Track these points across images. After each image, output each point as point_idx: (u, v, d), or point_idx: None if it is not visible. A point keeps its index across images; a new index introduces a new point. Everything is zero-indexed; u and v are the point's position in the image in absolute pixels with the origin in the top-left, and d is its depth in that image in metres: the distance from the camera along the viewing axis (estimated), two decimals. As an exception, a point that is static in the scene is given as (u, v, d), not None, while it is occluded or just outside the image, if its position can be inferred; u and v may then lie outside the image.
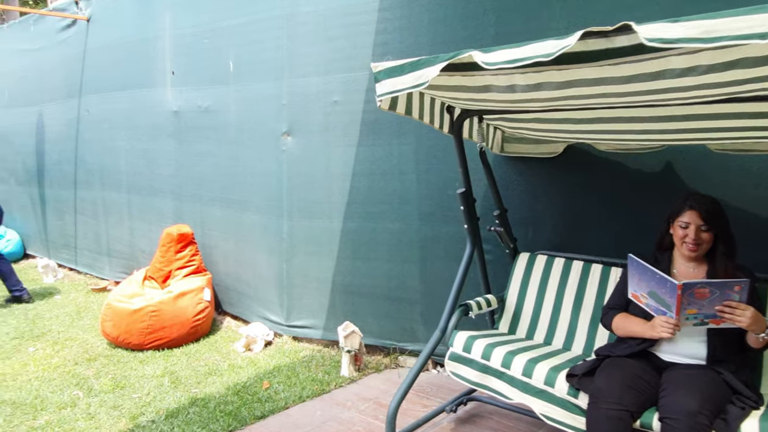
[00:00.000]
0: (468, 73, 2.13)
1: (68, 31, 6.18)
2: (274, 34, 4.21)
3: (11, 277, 5.31)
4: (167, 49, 5.03)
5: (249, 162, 4.48)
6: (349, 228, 4.04)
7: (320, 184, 4.11)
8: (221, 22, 4.55)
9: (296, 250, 4.25)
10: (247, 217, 4.54)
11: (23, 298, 5.33)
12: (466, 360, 2.65)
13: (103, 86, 5.78)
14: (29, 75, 6.94)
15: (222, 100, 4.62)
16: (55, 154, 6.68)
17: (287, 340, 4.32)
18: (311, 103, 4.09)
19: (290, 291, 4.30)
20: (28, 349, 4.14)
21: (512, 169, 3.44)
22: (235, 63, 4.50)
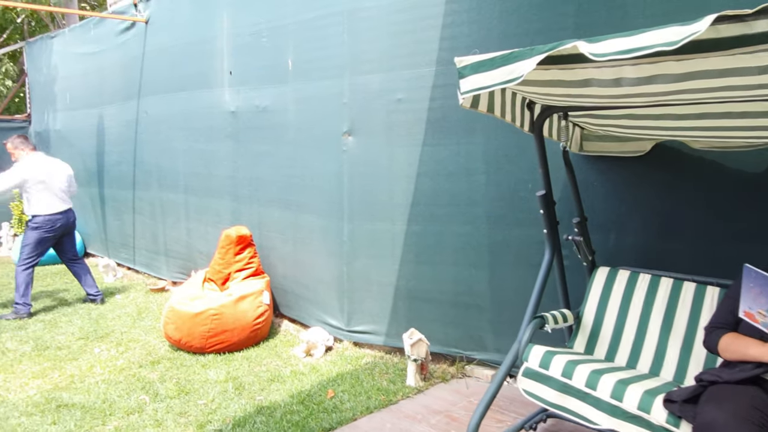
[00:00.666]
0: (567, 66, 1.94)
1: (127, 33, 6.25)
2: (335, 31, 4.09)
3: (85, 278, 5.41)
4: (225, 49, 4.99)
5: (308, 162, 4.38)
6: (412, 231, 3.89)
7: (382, 185, 3.97)
8: (280, 20, 4.47)
9: (357, 253, 4.13)
10: (306, 219, 4.45)
11: (96, 301, 5.42)
12: (543, 377, 2.45)
13: (161, 88, 5.81)
14: (90, 78, 7.09)
15: (280, 99, 4.54)
16: (114, 155, 6.80)
17: (348, 345, 4.21)
18: (373, 102, 3.95)
19: (351, 295, 4.19)
20: (93, 350, 4.17)
21: (592, 169, 3.21)
22: (294, 61, 4.41)
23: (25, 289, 4.97)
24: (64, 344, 4.30)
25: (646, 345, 2.65)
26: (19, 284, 4.96)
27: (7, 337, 4.46)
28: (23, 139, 5.13)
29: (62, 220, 5.16)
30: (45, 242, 5.11)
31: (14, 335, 4.51)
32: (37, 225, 5.04)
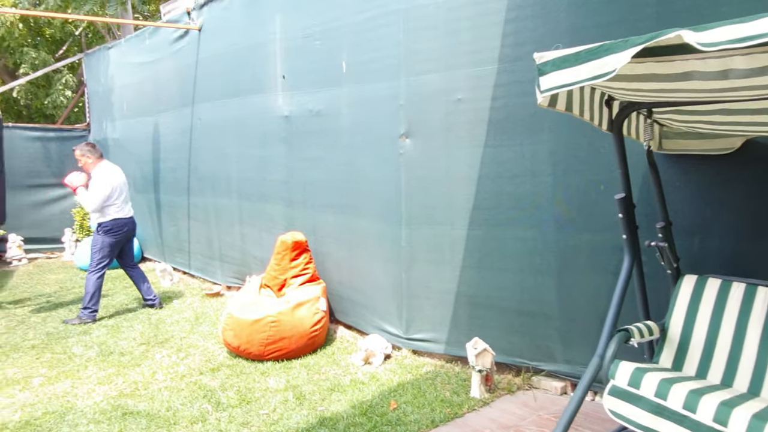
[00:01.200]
0: (665, 59, 1.76)
1: (181, 42, 6.34)
2: (390, 31, 3.99)
3: (143, 284, 5.50)
4: (278, 54, 4.97)
5: (363, 166, 4.30)
6: (474, 235, 3.74)
7: (441, 188, 3.84)
8: (333, 22, 4.40)
9: (416, 259, 4.01)
10: (362, 224, 4.37)
11: (155, 306, 5.51)
12: (632, 397, 2.26)
13: (215, 94, 5.86)
14: (146, 86, 7.24)
15: (334, 102, 4.47)
16: (169, 162, 6.92)
17: (407, 353, 4.09)
18: (431, 103, 3.83)
19: (410, 302, 4.07)
20: (155, 356, 4.21)
21: (673, 169, 2.98)
22: (347, 64, 4.33)
23: (95, 295, 5.08)
24: (126, 350, 4.36)
25: (743, 361, 2.42)
26: (90, 290, 5.07)
27: (73, 342, 4.56)
28: (91, 147, 5.27)
29: (129, 225, 5.29)
30: (115, 246, 5.23)
31: (79, 340, 4.61)
32: (108, 229, 5.15)
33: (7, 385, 3.72)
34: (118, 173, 5.28)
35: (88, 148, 5.25)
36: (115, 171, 5.27)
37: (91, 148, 5.25)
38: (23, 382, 3.76)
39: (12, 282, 7.00)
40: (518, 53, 3.43)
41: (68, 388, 3.66)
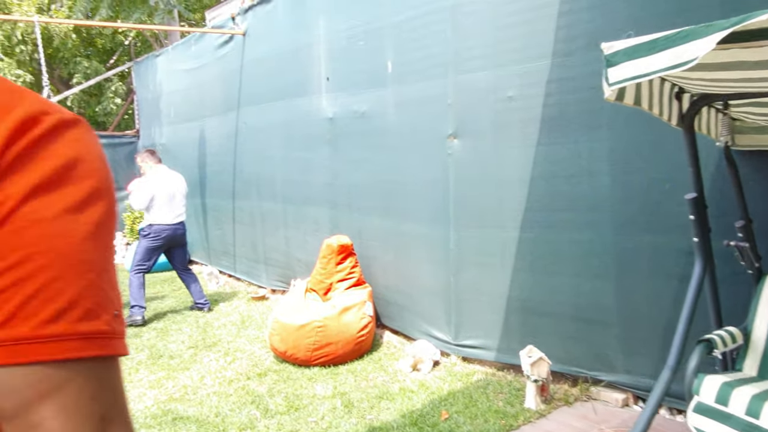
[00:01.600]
0: (754, 44, 1.59)
1: (225, 47, 6.41)
2: (437, 28, 3.89)
3: (194, 287, 5.57)
4: (322, 56, 4.94)
5: (410, 168, 4.20)
6: (526, 238, 3.59)
7: (491, 189, 3.71)
8: (377, 21, 4.33)
9: (465, 262, 3.89)
10: (409, 227, 4.27)
11: (203, 309, 5.56)
12: (721, 415, 2.08)
13: (259, 98, 5.88)
14: (192, 92, 7.37)
15: (379, 103, 4.40)
16: (215, 166, 7.01)
17: (456, 360, 3.97)
18: (481, 101, 3.70)
19: (459, 306, 3.95)
20: (203, 360, 4.23)
21: (748, 166, 2.77)
22: (393, 63, 4.25)
23: (138, 291, 5.19)
24: (176, 353, 4.40)
25: (836, 374, 2.21)
26: (133, 289, 5.18)
27: (124, 345, 4.64)
28: (149, 153, 5.40)
29: (168, 232, 5.34)
30: (153, 251, 5.31)
31: (130, 343, 4.69)
32: (146, 234, 5.26)
33: (63, 386, 3.79)
34: (169, 179, 5.36)
35: (147, 154, 5.39)
36: (166, 177, 5.37)
37: (149, 154, 5.39)
38: (78, 384, 3.83)
39: (67, 284, 7.22)
40: (572, 47, 3.27)
41: (120, 390, 3.70)
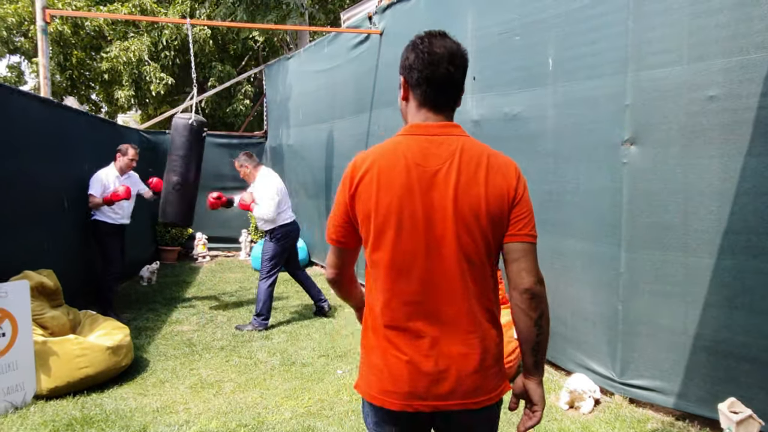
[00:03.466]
0: None
1: (360, 47, 6.28)
2: (615, 18, 3.39)
3: (311, 286, 5.47)
4: (469, 53, 4.58)
5: (570, 176, 3.73)
6: (723, 266, 2.99)
7: (677, 206, 3.15)
8: (538, 13, 3.90)
9: (638, 289, 3.35)
10: (567, 243, 3.80)
11: (324, 308, 5.45)
12: None
13: (395, 99, 5.66)
14: (322, 94, 7.35)
15: (536, 104, 3.96)
16: (342, 168, 6.90)
17: (620, 401, 3.43)
18: (669, 102, 3.15)
19: (627, 339, 3.41)
20: (336, 371, 4.04)
21: None
22: (555, 60, 3.80)
23: (266, 303, 5.09)
24: (307, 361, 4.25)
25: None
26: (261, 298, 5.09)
27: (256, 347, 4.59)
28: (248, 156, 5.31)
29: (294, 231, 5.28)
30: (284, 254, 5.24)
31: (262, 345, 4.63)
32: (279, 236, 5.17)
33: (203, 387, 3.76)
34: (278, 178, 5.28)
35: (245, 158, 5.28)
36: (276, 176, 5.28)
37: (248, 157, 5.29)
38: (216, 386, 3.79)
39: (198, 278, 7.50)
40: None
41: (257, 398, 3.59)
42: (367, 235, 1.47)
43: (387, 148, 1.49)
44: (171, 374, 4.00)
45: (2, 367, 3.36)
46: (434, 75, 1.48)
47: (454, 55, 1.49)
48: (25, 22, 10.98)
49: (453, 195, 1.42)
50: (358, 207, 1.46)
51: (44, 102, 4.73)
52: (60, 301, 4.13)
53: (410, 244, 1.42)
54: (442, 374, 1.42)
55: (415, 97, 1.53)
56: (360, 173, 1.47)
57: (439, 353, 1.43)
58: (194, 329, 5.10)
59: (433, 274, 1.43)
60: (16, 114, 4.17)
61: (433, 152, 1.45)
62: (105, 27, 11.40)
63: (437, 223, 1.42)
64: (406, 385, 1.43)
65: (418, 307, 1.44)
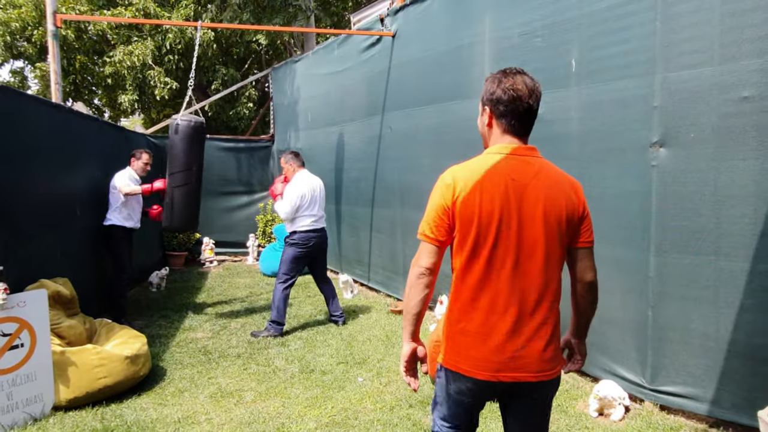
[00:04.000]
0: None
1: (371, 50, 6.23)
2: (643, 18, 3.34)
3: (332, 300, 5.38)
4: (486, 55, 4.54)
5: (596, 180, 3.67)
6: (759, 270, 2.93)
7: (709, 209, 3.09)
8: (561, 14, 3.85)
9: (668, 294, 3.29)
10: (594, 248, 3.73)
11: (338, 323, 5.36)
12: None
13: (408, 102, 5.61)
14: (331, 97, 7.30)
15: (558, 106, 3.91)
16: (353, 172, 6.86)
17: (651, 408, 3.37)
18: (700, 103, 3.10)
19: (658, 345, 3.35)
20: (357, 379, 3.97)
21: None
22: (578, 61, 3.75)
23: (281, 307, 5.02)
24: (327, 368, 4.19)
25: None
26: (277, 303, 5.01)
27: (273, 354, 4.52)
28: (293, 156, 5.25)
29: (316, 238, 5.16)
30: (301, 260, 5.15)
31: (279, 352, 4.56)
32: (294, 241, 5.09)
33: (223, 397, 3.69)
34: (312, 183, 5.19)
35: (291, 156, 5.24)
36: (310, 181, 5.20)
37: (293, 157, 5.25)
38: (236, 395, 3.72)
39: (207, 284, 7.43)
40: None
41: (279, 407, 3.52)
42: (467, 236, 1.74)
43: (484, 164, 1.78)
44: (189, 383, 3.93)
45: (21, 378, 3.30)
46: (518, 109, 1.79)
47: (533, 91, 1.81)
48: (29, 27, 10.91)
49: (542, 206, 1.74)
50: (462, 212, 1.74)
51: (56, 107, 4.66)
52: (76, 309, 4.06)
53: (506, 243, 1.73)
54: (520, 353, 1.74)
55: (500, 125, 1.83)
56: (462, 184, 1.76)
57: (519, 336, 1.74)
58: (208, 336, 5.03)
59: (522, 270, 1.74)
60: (29, 119, 4.10)
61: (522, 169, 1.77)
62: (109, 31, 11.34)
63: (528, 227, 1.74)
64: (493, 361, 1.74)
65: (507, 296, 1.74)
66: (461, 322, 1.79)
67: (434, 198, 1.82)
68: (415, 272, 1.80)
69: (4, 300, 3.18)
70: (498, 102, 1.80)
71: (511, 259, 1.73)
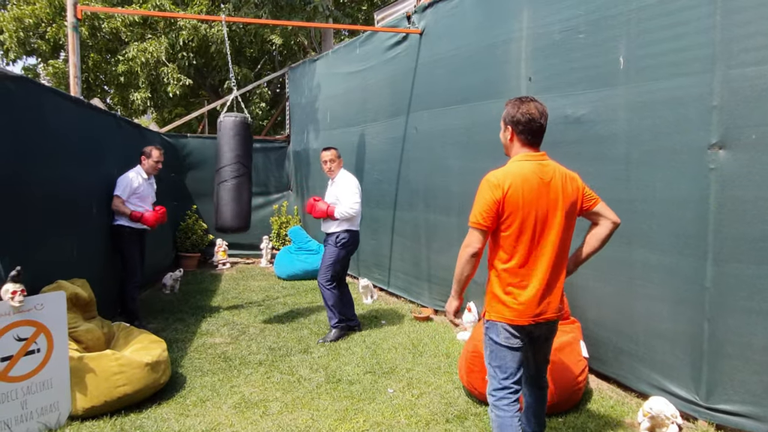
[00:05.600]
0: None
1: (397, 48, 6.04)
2: (701, 13, 3.14)
3: (350, 308, 5.19)
4: (522, 53, 4.35)
5: (645, 184, 3.47)
6: (832, 282, 2.72)
7: (775, 215, 2.88)
8: (608, 9, 3.66)
9: (727, 306, 3.08)
10: (638, 255, 3.53)
11: (354, 330, 5.16)
12: None
13: (435, 101, 5.42)
14: (352, 96, 7.11)
15: (604, 106, 3.71)
16: (375, 174, 6.66)
17: (706, 427, 3.16)
18: (766, 102, 2.89)
19: (714, 360, 3.14)
20: (386, 390, 3.77)
21: None
22: (627, 58, 3.55)
23: (335, 306, 4.90)
24: (354, 378, 3.99)
25: None
26: (330, 303, 4.90)
27: (296, 361, 4.33)
28: (337, 151, 5.06)
29: (358, 237, 5.04)
30: (347, 260, 5.01)
31: (302, 360, 4.37)
32: (346, 241, 4.89)
33: (248, 407, 3.50)
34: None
35: (337, 152, 5.01)
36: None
37: (338, 152, 5.03)
38: (262, 406, 3.52)
39: (222, 286, 7.25)
40: None
41: (308, 420, 3.32)
42: (512, 222, 2.35)
43: (521, 167, 2.40)
44: (211, 392, 3.74)
45: (37, 385, 3.11)
46: (533, 127, 2.43)
47: (542, 113, 2.46)
48: (43, 23, 10.79)
49: (562, 195, 2.41)
50: (508, 204, 2.34)
51: (76, 102, 4.50)
52: (93, 312, 3.88)
53: (539, 225, 2.37)
54: (546, 304, 2.42)
55: (520, 139, 2.47)
56: (508, 183, 2.35)
57: (546, 292, 2.42)
58: (227, 342, 4.84)
59: (550, 243, 2.39)
60: (49, 114, 3.94)
61: (544, 170, 2.41)
62: (122, 29, 11.21)
63: (554, 212, 2.40)
64: (531, 311, 2.40)
65: (538, 263, 2.39)
66: (509, 286, 2.40)
67: (485, 195, 2.37)
68: (468, 251, 2.41)
69: (21, 302, 3.01)
70: (518, 123, 2.43)
71: (544, 236, 2.38)
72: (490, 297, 2.46)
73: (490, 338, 2.47)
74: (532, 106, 2.41)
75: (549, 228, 2.37)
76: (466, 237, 2.42)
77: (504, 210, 2.33)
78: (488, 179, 2.37)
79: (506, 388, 2.44)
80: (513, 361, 2.44)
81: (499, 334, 2.42)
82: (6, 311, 2.98)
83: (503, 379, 2.45)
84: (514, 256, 2.37)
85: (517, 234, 2.35)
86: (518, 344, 2.43)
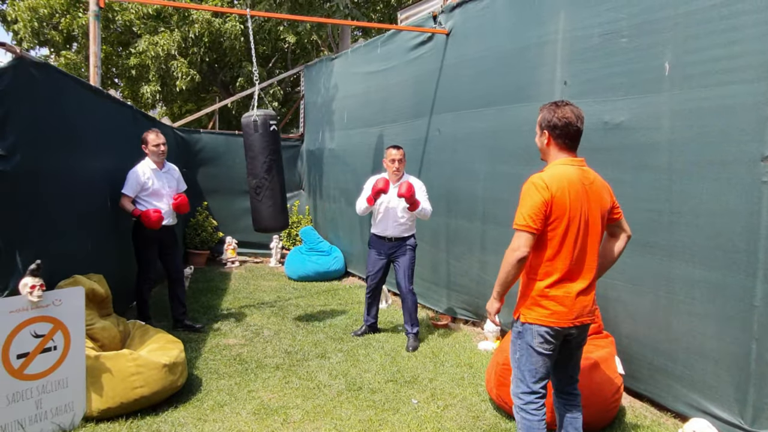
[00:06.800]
0: None
1: (421, 48, 5.91)
2: (756, 19, 3.00)
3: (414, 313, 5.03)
4: (558, 56, 4.21)
5: (689, 194, 3.33)
6: None
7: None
8: (653, 12, 3.53)
9: (777, 326, 2.94)
10: (679, 269, 3.39)
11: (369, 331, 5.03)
12: None
13: (460, 104, 5.29)
14: (371, 96, 6.98)
15: (646, 113, 3.58)
16: (393, 176, 6.52)
17: (750, 452, 3.01)
18: (828, 113, 2.76)
19: (761, 383, 2.99)
20: (410, 400, 3.63)
21: None
22: (673, 64, 3.42)
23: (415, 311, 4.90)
24: (375, 386, 3.85)
25: None
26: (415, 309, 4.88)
27: (314, 367, 4.19)
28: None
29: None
30: None
31: (320, 365, 4.23)
32: (415, 245, 4.89)
33: (267, 414, 3.36)
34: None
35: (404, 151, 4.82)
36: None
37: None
38: (282, 413, 3.38)
39: (232, 285, 7.11)
40: None
41: (332, 429, 3.19)
42: (558, 225, 2.36)
43: (566, 172, 2.40)
44: (228, 396, 3.60)
45: (52, 384, 2.98)
46: (570, 131, 2.44)
47: (578, 117, 2.45)
48: (57, 14, 10.69)
49: (599, 201, 2.45)
50: (556, 206, 2.35)
51: (96, 92, 4.37)
52: (109, 309, 3.75)
53: (582, 229, 2.39)
54: (583, 307, 2.44)
55: (557, 144, 2.48)
56: (555, 187, 2.35)
57: (585, 296, 2.44)
58: (242, 343, 4.70)
59: (590, 247, 2.43)
60: (70, 104, 3.81)
61: (584, 175, 2.44)
62: (136, 22, 11.11)
63: (594, 217, 2.43)
64: (572, 313, 2.40)
65: (581, 267, 2.42)
66: (550, 288, 2.40)
67: (532, 198, 2.34)
68: (515, 256, 2.34)
69: (39, 297, 2.87)
70: (555, 127, 2.43)
71: (586, 237, 2.41)
72: (530, 300, 2.44)
73: (524, 341, 2.46)
74: (568, 110, 2.43)
75: (590, 232, 2.40)
76: (513, 240, 2.37)
77: (552, 212, 2.34)
78: (534, 182, 2.37)
79: (535, 393, 2.46)
80: (544, 366, 2.46)
81: (535, 338, 2.41)
82: (24, 306, 2.85)
83: (533, 383, 2.46)
84: (556, 259, 2.37)
85: (562, 237, 2.36)
86: (552, 349, 2.44)
